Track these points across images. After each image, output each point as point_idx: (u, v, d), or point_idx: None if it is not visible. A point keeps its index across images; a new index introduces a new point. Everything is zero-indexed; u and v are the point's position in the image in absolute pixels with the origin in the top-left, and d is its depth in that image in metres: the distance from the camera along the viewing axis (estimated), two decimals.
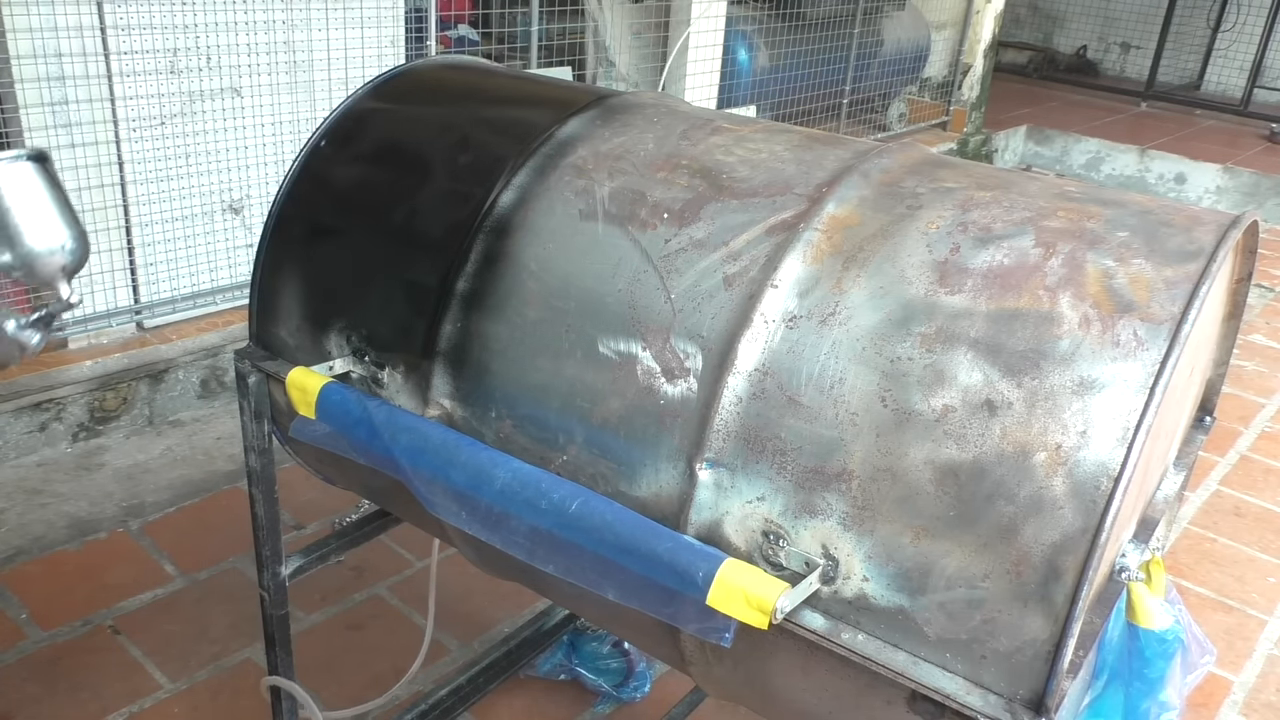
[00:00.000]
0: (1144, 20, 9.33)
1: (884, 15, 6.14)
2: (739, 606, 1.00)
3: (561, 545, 1.13)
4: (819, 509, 1.02)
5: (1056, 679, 0.92)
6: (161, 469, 2.97)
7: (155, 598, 2.44)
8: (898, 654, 0.99)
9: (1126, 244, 1.03)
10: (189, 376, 3.26)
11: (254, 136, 3.22)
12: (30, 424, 2.96)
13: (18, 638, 2.28)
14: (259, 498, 1.48)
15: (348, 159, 1.48)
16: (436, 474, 1.21)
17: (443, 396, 1.29)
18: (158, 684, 2.18)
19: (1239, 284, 1.32)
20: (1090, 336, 0.96)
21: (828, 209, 1.14)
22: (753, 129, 1.35)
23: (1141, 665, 1.12)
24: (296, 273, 1.47)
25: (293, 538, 2.63)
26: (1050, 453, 0.92)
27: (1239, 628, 2.67)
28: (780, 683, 1.14)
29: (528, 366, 1.23)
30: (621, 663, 2.24)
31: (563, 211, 1.27)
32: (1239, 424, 3.76)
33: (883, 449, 0.99)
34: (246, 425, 1.45)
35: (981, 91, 7.05)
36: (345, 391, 1.31)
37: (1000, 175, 1.22)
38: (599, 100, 1.43)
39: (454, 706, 2.13)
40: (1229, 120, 8.44)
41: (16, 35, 2.65)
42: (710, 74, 4.88)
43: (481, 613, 2.47)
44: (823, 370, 1.04)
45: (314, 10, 3.25)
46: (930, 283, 1.04)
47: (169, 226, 3.12)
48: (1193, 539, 3.05)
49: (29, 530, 2.65)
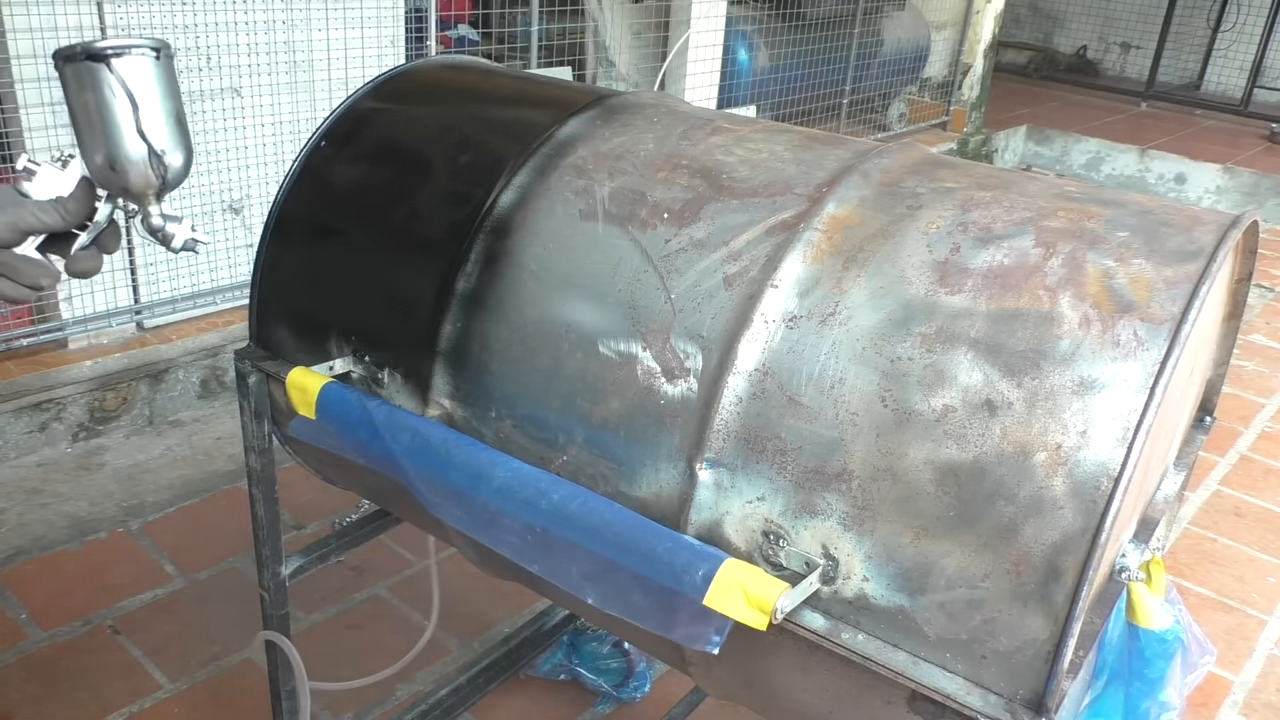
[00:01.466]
0: (1144, 20, 9.33)
1: (884, 15, 6.14)
2: (739, 606, 1.00)
3: (560, 545, 1.12)
4: (819, 509, 1.02)
5: (1056, 679, 0.92)
6: (161, 469, 2.97)
7: (155, 598, 2.43)
8: (898, 654, 0.99)
9: (1127, 244, 1.03)
10: (189, 376, 3.26)
11: (254, 136, 3.22)
12: (30, 424, 2.96)
13: (18, 638, 2.28)
14: (259, 498, 1.48)
15: (348, 159, 1.48)
16: (436, 474, 1.21)
17: (443, 396, 1.29)
18: (158, 684, 2.18)
19: (1239, 284, 1.32)
20: (1090, 336, 0.96)
21: (828, 209, 1.14)
22: (753, 129, 1.35)
23: (1141, 665, 1.12)
24: (297, 273, 1.47)
25: (293, 538, 2.63)
26: (1050, 453, 0.92)
27: (1239, 628, 2.67)
28: (780, 683, 1.14)
29: (528, 366, 1.23)
30: (621, 663, 2.25)
31: (563, 211, 1.27)
32: (1239, 424, 3.76)
33: (883, 449, 0.99)
34: (246, 425, 1.45)
35: (981, 91, 7.05)
36: (345, 391, 1.31)
37: (1000, 175, 1.22)
38: (599, 100, 1.43)
39: (454, 706, 2.13)
40: (1229, 120, 8.44)
41: (16, 35, 2.65)
42: (710, 74, 4.88)
43: (481, 613, 2.47)
44: (823, 370, 1.04)
45: (314, 10, 3.25)
46: (930, 283, 1.04)
47: None
48: (1193, 539, 3.05)
49: (29, 530, 2.65)
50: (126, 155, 1.06)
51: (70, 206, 1.06)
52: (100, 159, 1.06)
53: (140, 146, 1.06)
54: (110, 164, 1.06)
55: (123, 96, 1.05)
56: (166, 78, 1.09)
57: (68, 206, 1.06)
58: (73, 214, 1.06)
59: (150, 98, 1.06)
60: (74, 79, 1.05)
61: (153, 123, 1.07)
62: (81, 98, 1.06)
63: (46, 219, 1.05)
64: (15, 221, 1.03)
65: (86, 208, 1.07)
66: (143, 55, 1.06)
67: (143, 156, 1.07)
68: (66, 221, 1.06)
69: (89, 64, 1.04)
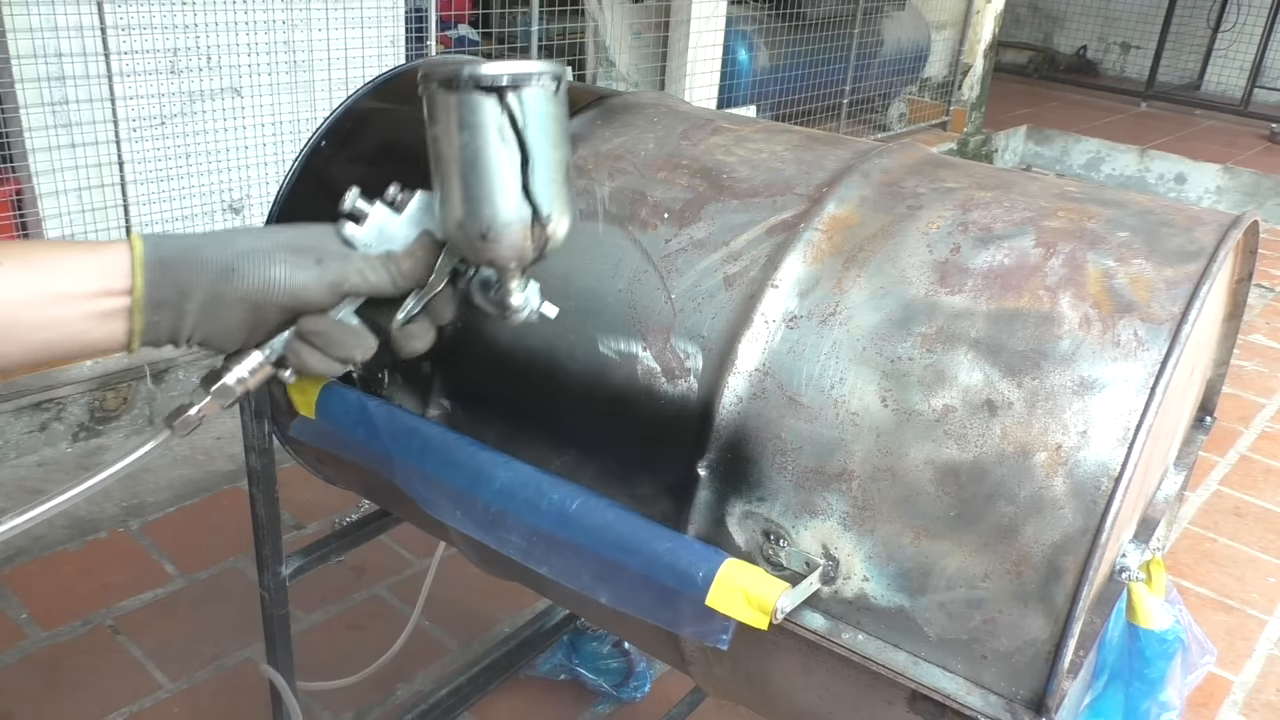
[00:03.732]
0: (1144, 20, 9.33)
1: (884, 15, 6.14)
2: (739, 606, 1.00)
3: (559, 547, 1.12)
4: (819, 509, 1.02)
5: (1057, 679, 0.92)
6: (161, 469, 2.97)
7: (155, 598, 2.43)
8: (898, 654, 0.99)
9: (1127, 244, 1.03)
10: (189, 376, 3.26)
11: (254, 136, 3.22)
12: (30, 424, 2.96)
13: (18, 638, 2.28)
14: (259, 498, 1.48)
15: (348, 159, 1.47)
16: (436, 474, 1.21)
17: (443, 396, 1.29)
18: (158, 684, 2.18)
19: (1239, 284, 1.32)
20: (1090, 336, 0.96)
21: (828, 209, 1.14)
22: (753, 129, 1.35)
23: (1142, 665, 1.12)
24: None
25: (293, 538, 2.63)
26: (1050, 453, 0.92)
27: (1239, 628, 2.67)
28: (780, 683, 1.14)
29: (527, 366, 1.23)
30: (621, 663, 2.25)
31: None
32: (1239, 424, 3.76)
33: (883, 449, 0.99)
34: (246, 425, 1.45)
35: (981, 91, 7.05)
36: (345, 391, 1.31)
37: (1001, 175, 1.22)
38: (599, 100, 1.43)
39: (454, 706, 2.13)
40: (1229, 120, 8.44)
41: (16, 35, 2.65)
42: (710, 74, 4.88)
43: (481, 613, 2.47)
44: (823, 370, 1.04)
45: (314, 10, 3.25)
46: (931, 283, 1.04)
47: (169, 226, 3.12)
48: (1193, 539, 3.05)
49: (29, 530, 2.64)
50: (503, 219, 0.83)
51: (405, 267, 0.85)
52: (462, 216, 0.83)
53: (523, 210, 0.84)
54: (480, 229, 0.83)
55: (512, 143, 0.82)
56: (561, 118, 0.86)
57: (402, 267, 0.85)
58: (407, 278, 0.85)
59: (544, 145, 0.83)
60: (450, 111, 0.83)
61: (542, 179, 0.83)
62: (455, 137, 0.83)
63: (375, 280, 0.84)
64: (339, 282, 0.83)
65: (425, 270, 0.86)
66: (542, 87, 0.82)
67: (524, 221, 0.84)
68: (398, 287, 0.86)
69: (476, 95, 0.81)
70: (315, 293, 0.83)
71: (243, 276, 0.81)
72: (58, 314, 0.78)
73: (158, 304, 0.81)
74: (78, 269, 0.79)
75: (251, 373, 0.90)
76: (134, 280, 0.80)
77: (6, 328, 0.77)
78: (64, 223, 2.88)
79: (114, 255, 0.81)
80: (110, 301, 0.80)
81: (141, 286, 0.80)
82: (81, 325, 0.80)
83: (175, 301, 0.81)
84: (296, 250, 0.83)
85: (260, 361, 0.90)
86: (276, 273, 0.82)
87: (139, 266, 0.80)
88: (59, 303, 0.78)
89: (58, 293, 0.78)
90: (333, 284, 0.83)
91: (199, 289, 0.81)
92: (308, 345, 0.87)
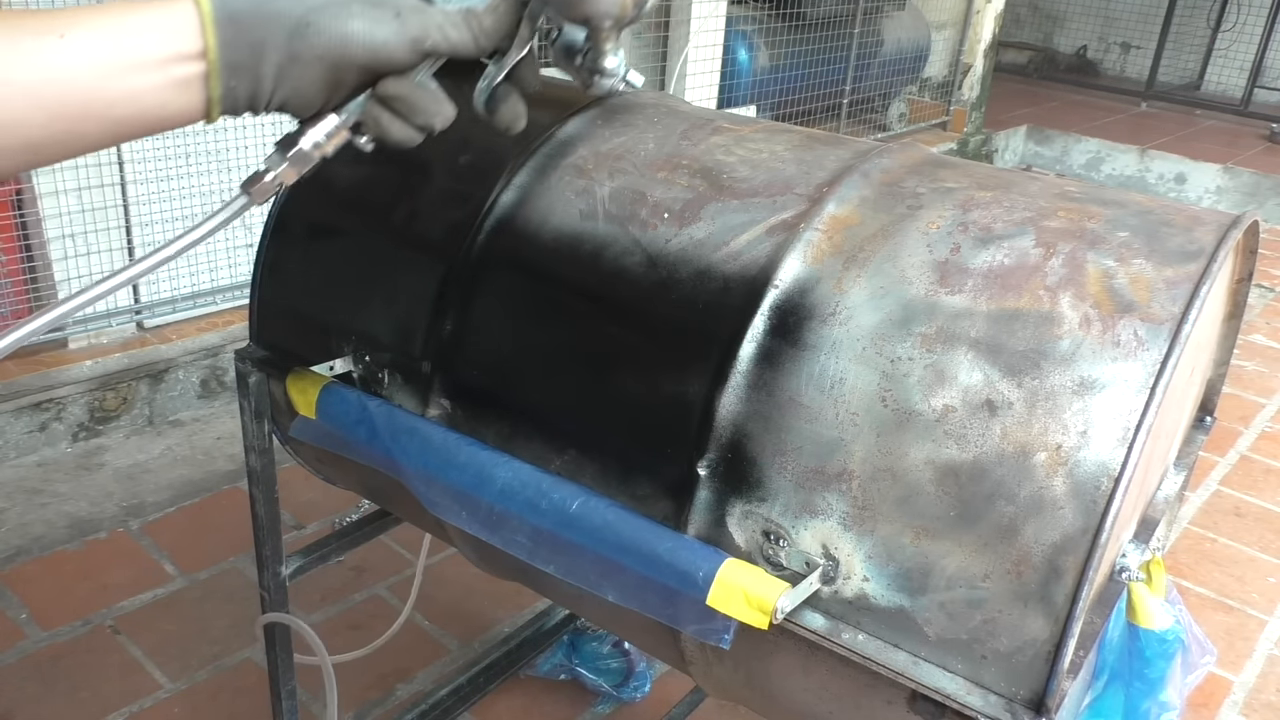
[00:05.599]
0: (1144, 20, 9.33)
1: (884, 15, 6.13)
2: (739, 606, 1.00)
3: (562, 545, 1.12)
4: (819, 509, 1.02)
5: (1057, 679, 0.92)
6: (161, 469, 2.97)
7: (155, 598, 2.44)
8: (898, 654, 0.99)
9: (1127, 244, 1.03)
10: (189, 376, 3.26)
11: (254, 136, 3.22)
12: (30, 424, 2.96)
13: (18, 638, 2.28)
14: (259, 498, 1.48)
15: (348, 159, 1.47)
16: (436, 474, 1.21)
17: (443, 396, 1.29)
18: (158, 684, 2.18)
19: (1239, 284, 1.32)
20: (1090, 336, 0.96)
21: (828, 209, 1.14)
22: (753, 129, 1.35)
23: (1142, 665, 1.12)
24: (297, 273, 1.47)
25: (293, 538, 2.63)
26: (1050, 453, 0.92)
27: (1239, 628, 2.68)
28: (781, 683, 1.14)
29: (528, 366, 1.23)
30: (621, 663, 2.25)
31: (563, 211, 1.27)
32: (1239, 424, 3.76)
33: (883, 449, 0.99)
34: (246, 425, 1.45)
35: (981, 91, 7.05)
36: (345, 391, 1.31)
37: (1001, 175, 1.22)
38: (599, 100, 1.43)
39: (454, 706, 2.13)
40: (1229, 120, 8.44)
41: None
42: (710, 74, 4.88)
43: (481, 613, 2.47)
44: (823, 370, 1.04)
45: None
46: (931, 283, 1.04)
47: (169, 226, 3.12)
48: (1193, 539, 3.05)
49: (29, 530, 2.65)
50: None
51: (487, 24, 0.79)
52: None
53: None
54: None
55: None
56: None
57: (484, 24, 0.79)
58: (489, 35, 0.80)
59: None
60: None
61: None
62: None
63: (457, 38, 0.78)
64: (421, 38, 0.77)
65: (509, 29, 0.80)
66: None
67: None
68: (480, 46, 0.81)
69: None
70: (396, 50, 0.78)
71: (319, 31, 0.76)
72: (134, 85, 0.73)
73: (234, 67, 0.76)
74: (146, 32, 0.73)
75: (328, 136, 0.86)
76: (206, 40, 0.75)
77: (83, 105, 0.72)
78: (64, 223, 2.88)
79: (180, 12, 0.75)
80: (185, 68, 0.75)
81: (215, 46, 0.75)
82: (159, 96, 0.75)
83: (251, 64, 0.76)
84: (373, 3, 0.77)
85: (336, 125, 0.85)
86: (355, 26, 0.76)
87: (209, 24, 0.75)
88: (134, 72, 0.73)
89: (131, 61, 0.72)
90: (414, 40, 0.78)
91: (274, 47, 0.75)
92: (388, 111, 0.83)
